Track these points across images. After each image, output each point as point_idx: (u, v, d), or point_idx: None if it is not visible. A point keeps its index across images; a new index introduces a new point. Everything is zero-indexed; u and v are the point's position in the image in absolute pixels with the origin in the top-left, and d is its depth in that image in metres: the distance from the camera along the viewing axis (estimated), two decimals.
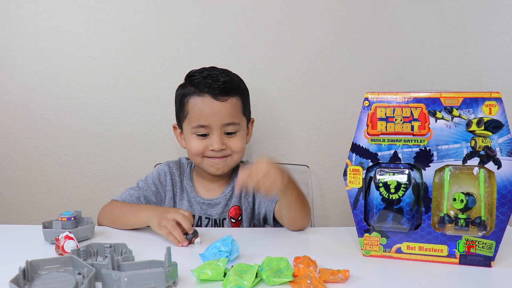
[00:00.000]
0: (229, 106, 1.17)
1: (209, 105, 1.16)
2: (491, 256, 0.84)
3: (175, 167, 1.28)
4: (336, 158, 1.56)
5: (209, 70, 1.22)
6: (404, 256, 0.89)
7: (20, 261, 0.74)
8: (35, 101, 1.54)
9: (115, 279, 0.69)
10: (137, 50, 1.51)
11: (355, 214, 0.91)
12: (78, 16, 1.50)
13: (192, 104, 1.18)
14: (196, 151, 1.19)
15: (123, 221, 1.10)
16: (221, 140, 1.17)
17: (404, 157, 0.87)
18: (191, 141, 1.20)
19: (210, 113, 1.16)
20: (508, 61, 1.49)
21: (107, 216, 1.14)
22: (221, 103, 1.16)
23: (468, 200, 0.84)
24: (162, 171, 1.27)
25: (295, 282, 0.76)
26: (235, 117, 1.18)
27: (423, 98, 0.85)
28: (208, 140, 1.18)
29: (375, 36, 1.49)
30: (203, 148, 1.18)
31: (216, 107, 1.16)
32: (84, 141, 1.56)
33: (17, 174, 1.58)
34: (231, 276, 0.75)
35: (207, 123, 1.16)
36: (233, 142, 1.19)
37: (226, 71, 1.23)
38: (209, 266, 0.78)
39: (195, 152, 1.19)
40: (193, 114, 1.18)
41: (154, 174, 1.26)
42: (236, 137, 1.20)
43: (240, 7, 1.48)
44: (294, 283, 0.76)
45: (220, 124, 1.16)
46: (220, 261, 0.79)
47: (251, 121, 1.29)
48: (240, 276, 0.75)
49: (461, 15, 1.48)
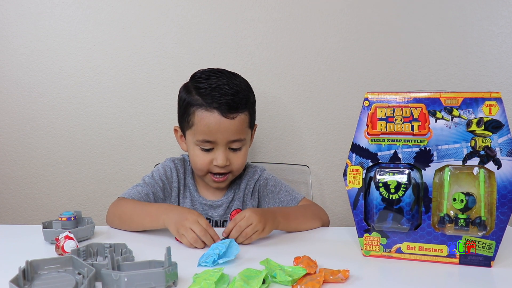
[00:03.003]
0: (237, 124, 1.13)
1: (217, 122, 1.11)
2: (491, 256, 0.84)
3: (179, 164, 1.27)
4: (336, 158, 1.56)
5: (217, 78, 1.15)
6: (404, 256, 0.89)
7: (20, 261, 0.74)
8: (35, 101, 1.54)
9: (115, 279, 0.69)
10: (137, 50, 1.51)
11: (355, 214, 0.91)
12: (78, 16, 1.50)
13: (198, 118, 1.13)
14: (201, 166, 1.17)
15: (137, 223, 1.06)
16: (225, 156, 1.15)
17: (404, 157, 0.87)
18: (195, 154, 1.17)
19: (218, 130, 1.12)
20: (508, 61, 1.49)
21: (118, 216, 1.10)
22: (230, 121, 1.12)
23: (468, 200, 0.84)
24: (167, 167, 1.24)
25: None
26: (241, 134, 1.15)
27: (423, 98, 0.85)
28: (212, 154, 1.15)
29: (375, 36, 1.49)
30: (208, 163, 1.16)
31: (224, 125, 1.12)
32: (84, 141, 1.56)
33: (17, 174, 1.58)
34: (237, 282, 0.72)
35: (213, 139, 1.13)
36: (236, 158, 1.17)
37: (234, 78, 1.18)
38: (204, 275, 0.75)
39: (200, 166, 1.17)
40: (199, 128, 1.13)
41: (161, 170, 1.23)
42: (240, 152, 1.18)
43: (240, 7, 1.48)
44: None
45: (226, 141, 1.14)
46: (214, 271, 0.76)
47: (254, 128, 1.27)
48: (246, 282, 0.73)
49: (461, 15, 1.48)
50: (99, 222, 1.10)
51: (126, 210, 1.09)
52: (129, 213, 1.08)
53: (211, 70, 1.19)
